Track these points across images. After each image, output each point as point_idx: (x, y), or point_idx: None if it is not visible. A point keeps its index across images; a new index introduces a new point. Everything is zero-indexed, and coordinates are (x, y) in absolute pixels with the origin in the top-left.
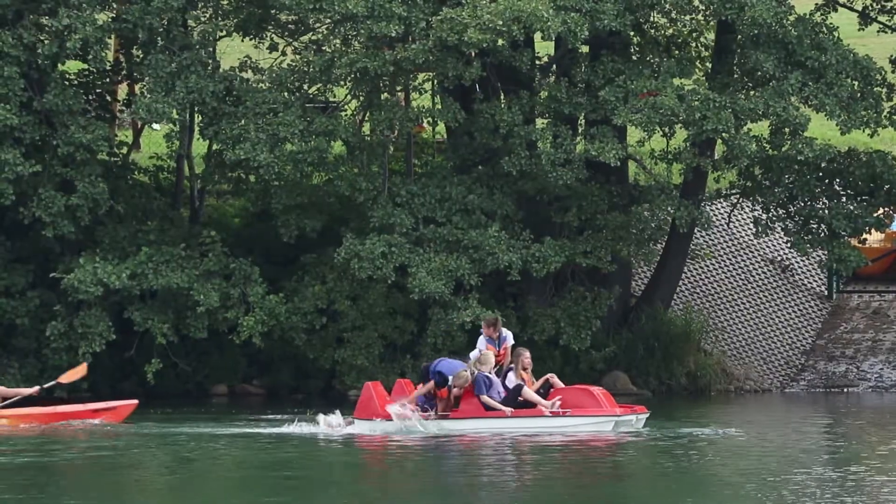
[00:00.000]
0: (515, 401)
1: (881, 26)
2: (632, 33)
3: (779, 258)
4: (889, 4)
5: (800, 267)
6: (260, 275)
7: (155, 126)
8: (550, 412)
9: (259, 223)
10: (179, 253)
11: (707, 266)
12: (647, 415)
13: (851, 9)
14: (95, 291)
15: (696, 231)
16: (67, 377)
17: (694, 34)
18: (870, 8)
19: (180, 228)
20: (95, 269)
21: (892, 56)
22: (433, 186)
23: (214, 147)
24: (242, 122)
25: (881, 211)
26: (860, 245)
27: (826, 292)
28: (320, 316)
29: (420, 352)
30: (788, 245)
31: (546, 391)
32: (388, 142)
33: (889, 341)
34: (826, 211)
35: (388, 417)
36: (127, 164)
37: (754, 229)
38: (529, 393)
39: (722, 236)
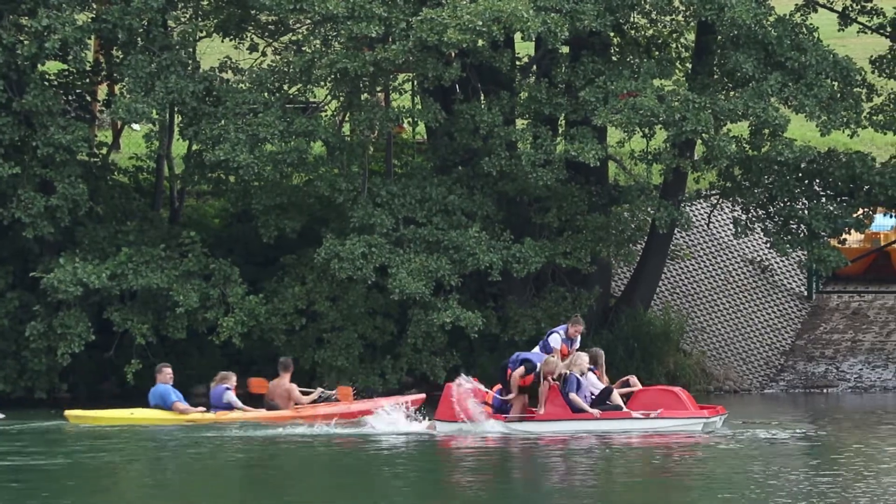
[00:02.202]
0: (604, 404)
1: (861, 27)
2: (612, 34)
3: (758, 258)
4: (869, 5)
5: (779, 267)
6: (240, 275)
7: (135, 126)
8: (637, 415)
9: (239, 224)
10: (159, 253)
11: (687, 266)
12: (726, 415)
13: (831, 9)
14: (75, 291)
15: (675, 231)
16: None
17: (674, 35)
18: (850, 9)
19: (160, 229)
20: (75, 269)
21: (871, 56)
22: (413, 187)
23: (194, 147)
24: (222, 122)
25: (861, 211)
26: (840, 245)
27: (805, 293)
28: (300, 317)
29: (400, 352)
30: (768, 245)
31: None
32: (368, 142)
33: (868, 342)
34: (806, 211)
35: (470, 419)
36: (106, 164)
37: (734, 230)
38: (616, 397)
39: (702, 237)
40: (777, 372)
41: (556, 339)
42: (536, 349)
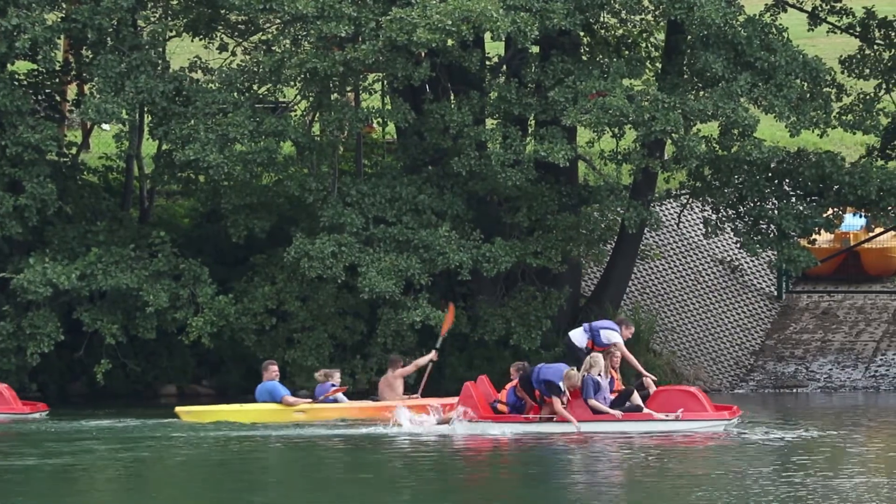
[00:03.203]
0: (624, 405)
1: (830, 27)
2: (582, 33)
3: (728, 258)
4: (838, 5)
5: (749, 267)
6: (209, 275)
7: (104, 126)
8: (659, 417)
9: (208, 224)
10: (129, 253)
11: (657, 266)
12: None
13: (801, 9)
14: (45, 292)
15: (645, 231)
16: (446, 327)
17: (644, 34)
18: (819, 9)
19: (129, 229)
20: (45, 269)
21: (841, 56)
22: (383, 186)
23: (164, 147)
24: (192, 122)
25: (830, 211)
26: (809, 245)
27: (775, 293)
28: (270, 316)
29: (370, 352)
30: (738, 245)
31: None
32: (337, 142)
33: (838, 342)
34: (775, 211)
35: (490, 419)
36: (76, 164)
37: (704, 230)
38: (637, 399)
39: (671, 237)
40: (747, 372)
41: (616, 336)
42: (580, 331)
